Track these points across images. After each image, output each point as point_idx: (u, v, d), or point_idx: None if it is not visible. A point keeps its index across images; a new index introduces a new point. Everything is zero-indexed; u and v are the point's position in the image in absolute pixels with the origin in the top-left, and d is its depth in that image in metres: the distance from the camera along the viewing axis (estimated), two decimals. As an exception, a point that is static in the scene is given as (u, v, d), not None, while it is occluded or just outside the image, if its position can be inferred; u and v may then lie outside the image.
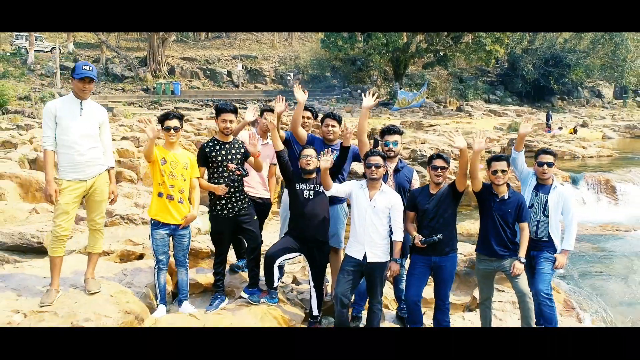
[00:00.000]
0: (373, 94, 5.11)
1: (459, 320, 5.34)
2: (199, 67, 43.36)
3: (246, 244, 5.07)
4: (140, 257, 5.74)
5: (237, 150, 4.91)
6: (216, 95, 38.99)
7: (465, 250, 7.19)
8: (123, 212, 9.49)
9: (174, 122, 4.64)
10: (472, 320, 5.20)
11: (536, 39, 45.37)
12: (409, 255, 4.89)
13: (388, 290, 5.65)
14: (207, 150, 4.86)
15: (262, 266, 4.91)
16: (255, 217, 5.01)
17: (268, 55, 46.65)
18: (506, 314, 5.30)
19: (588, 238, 12.55)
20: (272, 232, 7.66)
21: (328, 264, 5.15)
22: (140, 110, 33.77)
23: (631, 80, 46.22)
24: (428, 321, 5.06)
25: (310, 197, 4.85)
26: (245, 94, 39.92)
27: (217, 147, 4.87)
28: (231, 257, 5.67)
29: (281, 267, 5.22)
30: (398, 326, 5.14)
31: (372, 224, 4.50)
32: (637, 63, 44.52)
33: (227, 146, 4.89)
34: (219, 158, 4.82)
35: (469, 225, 11.43)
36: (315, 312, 4.96)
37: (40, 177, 11.83)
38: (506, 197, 4.53)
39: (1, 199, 10.98)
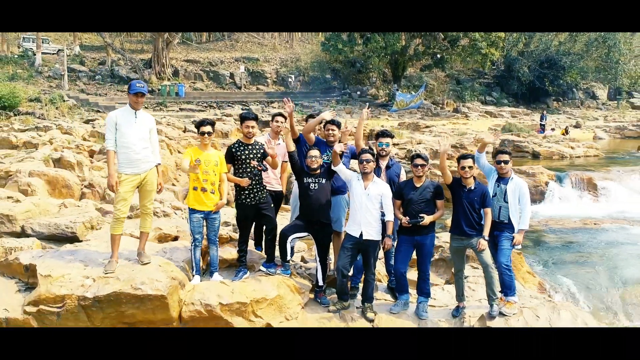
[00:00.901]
0: (368, 107, 6.25)
1: (439, 291, 6.45)
2: (202, 69, 44.35)
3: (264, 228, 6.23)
4: (175, 238, 6.85)
5: (258, 150, 6.02)
6: (219, 96, 40.00)
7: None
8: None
9: (208, 128, 5.75)
10: (450, 290, 6.30)
11: (531, 41, 46.39)
12: (396, 236, 6.00)
13: (381, 268, 6.74)
14: (233, 150, 5.97)
15: (277, 246, 6.03)
16: (272, 205, 6.14)
17: (269, 58, 47.68)
18: (478, 285, 6.37)
19: (568, 231, 13.57)
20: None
21: (331, 245, 6.27)
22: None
23: (624, 82, 47.30)
24: (413, 291, 6.16)
25: (315, 189, 5.95)
26: (248, 95, 40.94)
27: (242, 148, 5.98)
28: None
29: (292, 248, 6.32)
30: (396, 326, 6.21)
31: (367, 208, 5.62)
32: (630, 65, 45.59)
33: (250, 147, 6.00)
34: (243, 157, 5.93)
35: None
36: (321, 283, 6.07)
37: (64, 175, 12.85)
38: (473, 187, 5.62)
39: (32, 195, 12.02)
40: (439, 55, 39.66)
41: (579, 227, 13.91)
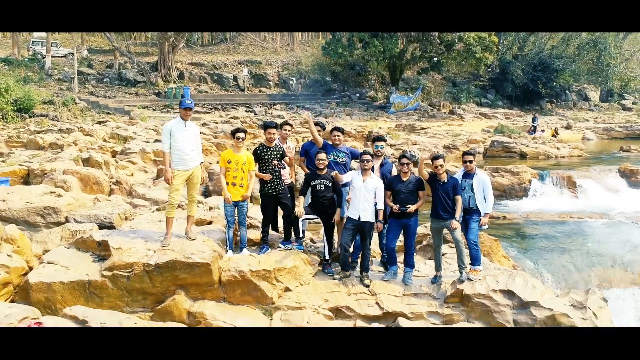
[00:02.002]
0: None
1: (422, 264, 8.00)
2: (207, 72, 45.84)
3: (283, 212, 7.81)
4: (210, 222, 8.40)
5: (277, 152, 7.56)
6: (223, 98, 41.46)
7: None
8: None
9: (242, 135, 7.32)
10: (431, 264, 7.84)
11: (525, 45, 48.00)
12: (387, 220, 7.55)
13: (375, 247, 8.28)
14: (258, 152, 7.51)
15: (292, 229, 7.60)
16: (289, 195, 7.70)
17: (272, 61, 49.20)
18: (453, 260, 7.86)
19: (545, 223, 15.09)
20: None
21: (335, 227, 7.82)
22: (154, 114, 36.19)
23: (615, 84, 48.94)
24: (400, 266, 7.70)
25: (322, 189, 7.49)
26: (251, 98, 42.42)
27: (265, 150, 7.52)
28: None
29: (303, 231, 7.85)
30: (387, 290, 7.71)
31: (365, 197, 7.16)
32: (620, 68, 47.19)
33: (271, 149, 7.54)
34: (266, 157, 7.47)
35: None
36: (327, 257, 7.62)
37: (95, 173, 14.34)
38: (445, 180, 7.16)
39: (68, 191, 13.51)
40: (435, 59, 41.10)
41: (555, 220, 15.42)
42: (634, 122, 37.48)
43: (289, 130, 8.17)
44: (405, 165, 7.33)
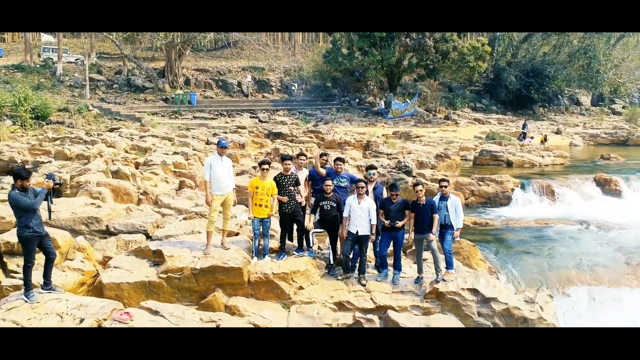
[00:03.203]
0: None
1: (408, 268, 9.91)
2: (212, 78, 47.66)
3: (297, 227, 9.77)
4: (237, 234, 10.33)
5: (292, 179, 9.46)
6: (228, 104, 43.27)
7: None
8: (191, 209, 13.93)
9: (267, 166, 9.21)
10: (414, 267, 9.77)
11: (519, 52, 49.99)
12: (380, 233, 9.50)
13: (370, 253, 10.20)
14: (278, 179, 9.42)
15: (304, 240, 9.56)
16: (302, 213, 9.65)
17: (274, 67, 51.07)
18: (432, 265, 9.80)
19: (523, 229, 16.89)
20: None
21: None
22: (163, 120, 37.98)
23: (605, 90, 50.96)
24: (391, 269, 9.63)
25: (328, 209, 9.42)
26: (255, 104, 44.28)
27: (283, 177, 9.43)
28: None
29: (312, 241, 9.79)
30: (378, 289, 9.64)
31: (360, 216, 9.07)
32: (610, 75, 49.17)
33: (287, 177, 9.45)
34: (284, 183, 9.38)
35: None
36: (332, 262, 9.55)
37: (125, 185, 16.10)
38: (424, 202, 9.09)
39: (103, 201, 15.35)
40: (431, 67, 42.96)
41: (532, 226, 17.25)
42: (619, 127, 39.41)
43: (303, 160, 10.13)
44: (393, 195, 9.27)
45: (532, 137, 34.30)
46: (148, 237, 11.71)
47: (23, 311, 6.97)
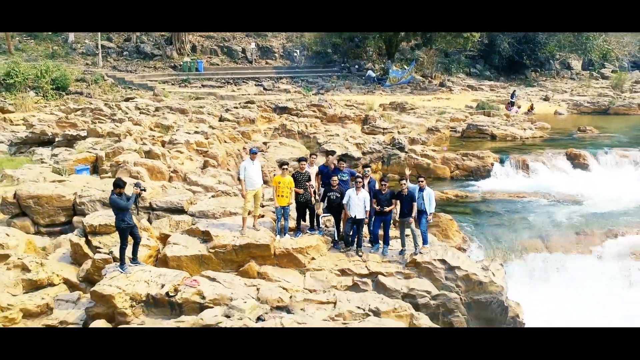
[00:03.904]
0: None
1: (394, 242, 12.82)
2: (217, 45, 49.48)
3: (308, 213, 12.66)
4: (262, 216, 13.20)
5: (306, 176, 12.25)
6: (234, 72, 45.37)
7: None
8: (217, 186, 16.66)
9: (286, 166, 11.96)
10: (398, 242, 12.68)
11: (512, 19, 51.60)
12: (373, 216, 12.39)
13: (365, 232, 13.09)
14: (295, 175, 12.22)
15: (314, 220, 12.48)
16: (313, 202, 12.51)
17: (276, 33, 52.81)
18: (412, 242, 12.71)
19: (498, 202, 19.53)
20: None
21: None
22: (173, 89, 40.15)
23: (595, 55, 53.06)
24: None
25: (334, 198, 12.23)
26: (259, 71, 46.41)
27: (299, 174, 12.19)
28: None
29: (320, 223, 12.75)
30: (372, 259, 12.60)
31: (358, 204, 11.88)
32: (599, 41, 51.18)
33: (302, 174, 12.21)
34: (299, 179, 12.16)
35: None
36: (336, 238, 12.50)
37: (158, 164, 18.63)
38: (406, 193, 11.91)
39: (142, 180, 17.97)
40: (428, 35, 44.88)
41: (505, 199, 19.85)
42: (604, 95, 41.81)
43: (314, 157, 13.03)
44: (383, 185, 12.10)
45: (519, 107, 36.48)
46: (184, 212, 14.48)
47: (121, 279, 9.93)
